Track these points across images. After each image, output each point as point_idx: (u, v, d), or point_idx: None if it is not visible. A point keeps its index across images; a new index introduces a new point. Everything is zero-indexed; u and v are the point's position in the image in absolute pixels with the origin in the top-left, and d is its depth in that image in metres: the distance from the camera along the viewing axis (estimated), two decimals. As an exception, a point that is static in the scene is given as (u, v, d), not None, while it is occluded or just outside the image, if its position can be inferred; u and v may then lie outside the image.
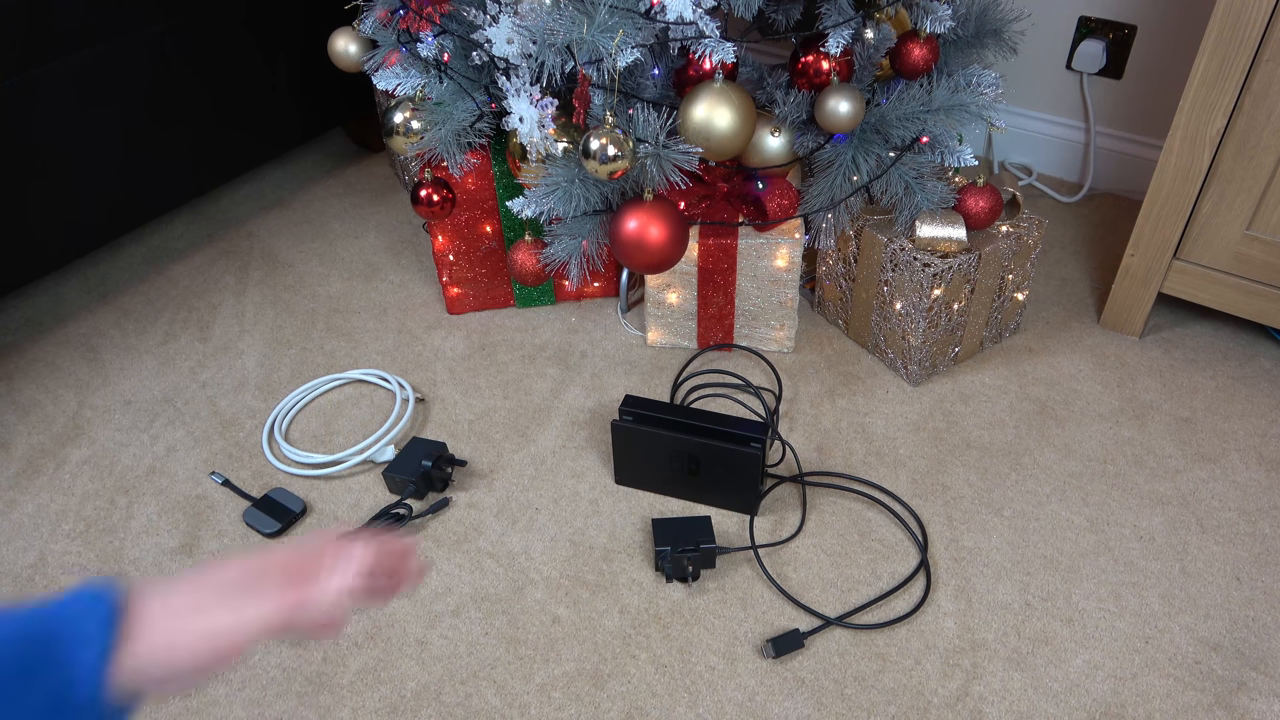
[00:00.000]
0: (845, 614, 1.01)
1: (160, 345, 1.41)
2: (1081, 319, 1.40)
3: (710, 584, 1.04)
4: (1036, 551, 1.07)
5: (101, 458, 1.23)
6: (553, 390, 1.30)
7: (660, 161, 1.08)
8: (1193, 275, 1.26)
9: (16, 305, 1.51)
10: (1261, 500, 1.12)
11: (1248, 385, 1.27)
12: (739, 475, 1.08)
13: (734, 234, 1.23)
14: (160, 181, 1.46)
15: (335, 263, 1.57)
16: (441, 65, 1.21)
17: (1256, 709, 0.91)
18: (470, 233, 1.36)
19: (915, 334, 1.23)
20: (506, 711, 0.93)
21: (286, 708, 0.94)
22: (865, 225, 1.25)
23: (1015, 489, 1.14)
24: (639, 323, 1.41)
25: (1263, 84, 1.09)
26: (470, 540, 1.10)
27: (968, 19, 1.23)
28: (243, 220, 1.69)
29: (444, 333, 1.41)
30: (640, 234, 1.09)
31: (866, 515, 1.11)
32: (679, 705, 0.93)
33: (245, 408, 1.29)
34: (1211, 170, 1.18)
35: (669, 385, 1.31)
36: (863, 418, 1.24)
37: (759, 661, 0.97)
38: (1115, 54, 1.56)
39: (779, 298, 1.29)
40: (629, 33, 1.01)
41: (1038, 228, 1.26)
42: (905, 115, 1.16)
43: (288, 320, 1.45)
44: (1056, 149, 1.70)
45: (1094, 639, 0.98)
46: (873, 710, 0.92)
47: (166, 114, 1.43)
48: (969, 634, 0.99)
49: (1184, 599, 1.01)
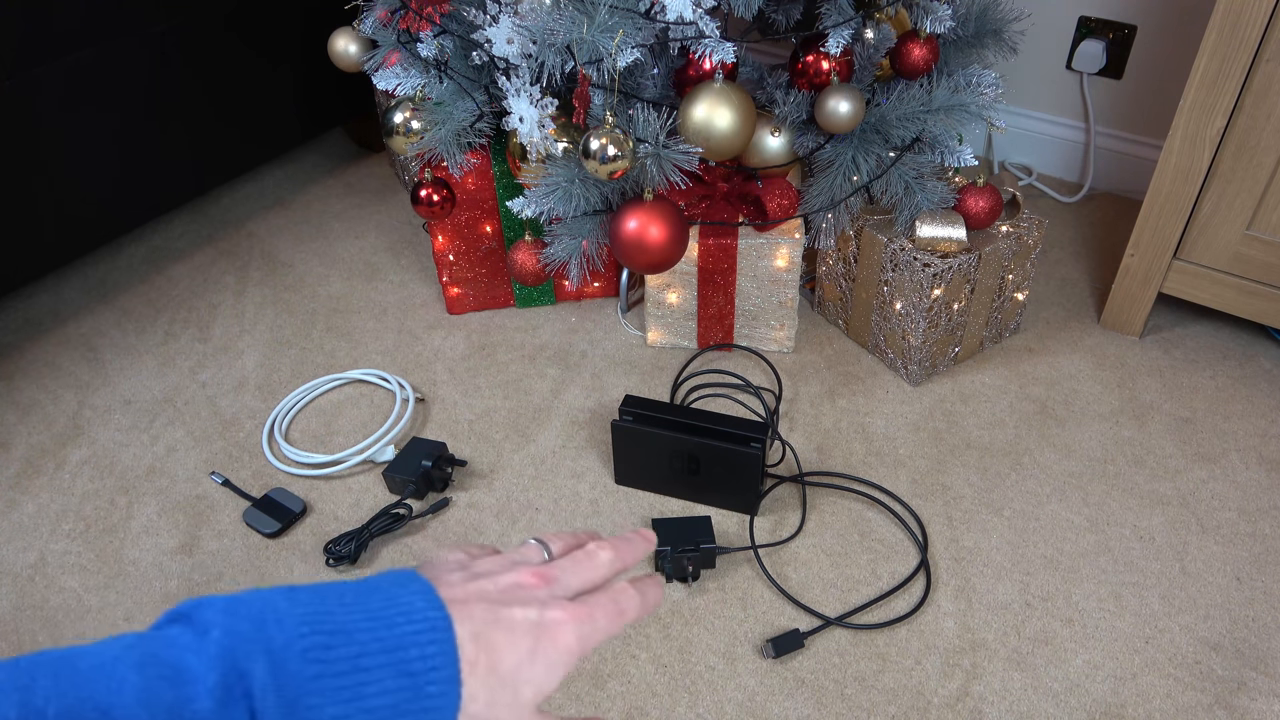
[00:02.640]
0: (845, 614, 1.01)
1: (160, 345, 1.41)
2: (1081, 319, 1.40)
3: (710, 584, 1.04)
4: (1036, 551, 1.07)
5: (101, 458, 1.23)
6: (553, 390, 1.30)
7: (660, 161, 1.08)
8: (1193, 275, 1.26)
9: (16, 305, 1.51)
10: (1261, 500, 1.12)
11: (1248, 385, 1.27)
12: (739, 475, 1.08)
13: (734, 234, 1.23)
14: (160, 181, 1.46)
15: (335, 263, 1.57)
16: (442, 65, 1.21)
17: (1256, 709, 0.91)
18: (470, 233, 1.36)
19: (915, 334, 1.23)
20: None
21: (286, 708, 0.94)
22: (865, 225, 1.25)
23: (1015, 489, 1.14)
24: (639, 323, 1.41)
25: (1263, 84, 1.09)
26: (471, 540, 1.10)
27: (968, 19, 1.23)
28: (243, 220, 1.69)
29: (444, 333, 1.41)
30: (640, 234, 1.09)
31: (866, 515, 1.11)
32: (679, 705, 0.93)
33: (245, 408, 1.29)
34: (1211, 170, 1.18)
35: (669, 385, 1.31)
36: (863, 418, 1.24)
37: (759, 661, 0.97)
38: (1115, 54, 1.56)
39: (779, 298, 1.29)
40: (629, 33, 1.01)
41: (1038, 228, 1.26)
42: (905, 115, 1.16)
43: (288, 320, 1.45)
44: (1056, 149, 1.70)
45: (1094, 639, 0.98)
46: (873, 710, 0.92)
47: (166, 114, 1.43)
48: (969, 634, 0.99)
49: (1184, 599, 1.01)
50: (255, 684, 0.34)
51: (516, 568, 0.44)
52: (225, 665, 0.34)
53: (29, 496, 1.18)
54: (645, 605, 0.47)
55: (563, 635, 0.42)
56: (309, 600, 0.37)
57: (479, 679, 0.39)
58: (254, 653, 0.35)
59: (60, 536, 1.12)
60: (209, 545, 1.11)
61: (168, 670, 0.34)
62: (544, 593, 0.43)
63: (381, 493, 1.17)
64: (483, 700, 0.39)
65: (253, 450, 1.23)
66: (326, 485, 1.18)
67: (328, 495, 1.16)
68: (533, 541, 0.48)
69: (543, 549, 0.47)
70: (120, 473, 1.21)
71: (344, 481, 1.18)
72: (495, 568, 0.44)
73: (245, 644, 0.35)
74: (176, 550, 1.10)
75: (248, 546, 1.10)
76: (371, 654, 0.37)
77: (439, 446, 1.15)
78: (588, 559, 0.46)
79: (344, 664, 0.36)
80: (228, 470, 1.20)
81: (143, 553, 1.10)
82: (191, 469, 1.21)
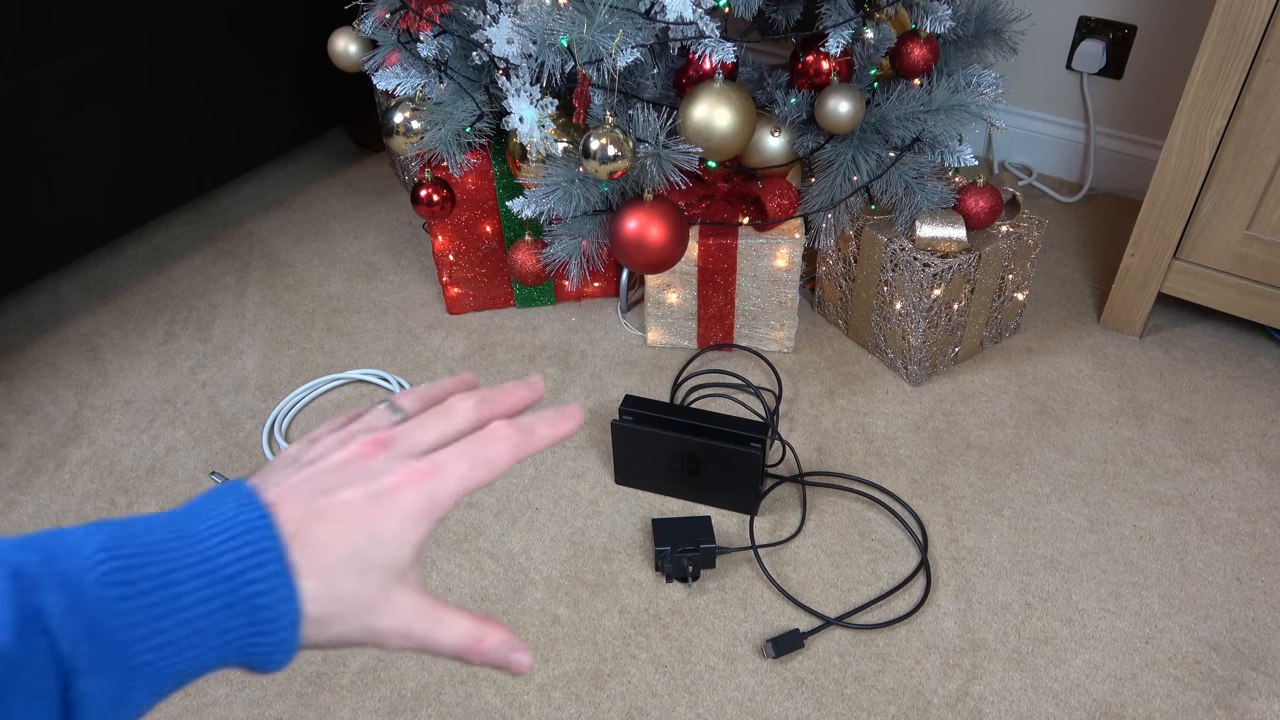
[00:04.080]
0: (845, 614, 1.01)
1: (160, 345, 1.41)
2: (1081, 319, 1.40)
3: (710, 584, 1.04)
4: (1036, 551, 1.07)
5: (101, 458, 1.23)
6: (553, 390, 1.30)
7: (660, 161, 1.08)
8: (1193, 275, 1.26)
9: (16, 305, 1.51)
10: (1261, 500, 1.12)
11: (1248, 385, 1.27)
12: (739, 475, 1.08)
13: (734, 234, 1.23)
14: (160, 181, 1.46)
15: (335, 263, 1.57)
16: (442, 65, 1.21)
17: (1256, 709, 0.91)
18: (470, 233, 1.36)
19: (915, 334, 1.23)
20: (506, 711, 0.93)
21: (286, 708, 0.94)
22: (865, 225, 1.25)
23: (1015, 489, 1.14)
24: (639, 323, 1.41)
25: (1263, 84, 1.09)
26: (470, 540, 1.10)
27: (968, 19, 1.23)
28: (243, 220, 1.69)
29: (444, 333, 1.41)
30: (640, 234, 1.09)
31: (866, 515, 1.11)
32: (679, 705, 0.93)
33: (245, 408, 1.29)
34: (1211, 170, 1.18)
35: (669, 385, 1.31)
36: (863, 418, 1.24)
37: (759, 661, 0.97)
38: (1115, 54, 1.56)
39: (779, 298, 1.29)
40: (629, 33, 1.01)
41: (1038, 228, 1.26)
42: (905, 115, 1.16)
43: (288, 320, 1.45)
44: (1056, 149, 1.70)
45: (1094, 639, 0.98)
46: (873, 710, 0.92)
47: (166, 114, 1.43)
48: (969, 634, 0.99)
49: (1184, 599, 1.01)
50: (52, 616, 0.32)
51: (352, 440, 0.40)
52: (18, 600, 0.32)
53: (29, 496, 1.18)
54: (529, 440, 0.42)
55: (401, 500, 0.38)
56: (112, 530, 0.35)
57: (310, 578, 0.36)
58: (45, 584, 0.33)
59: (60, 536, 1.12)
60: (209, 545, 1.11)
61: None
62: (379, 461, 0.39)
63: (381, 493, 1.16)
64: (324, 598, 0.36)
65: (253, 450, 1.23)
66: (326, 485, 1.18)
67: (328, 495, 1.16)
68: (381, 405, 0.44)
69: (391, 411, 0.43)
70: (120, 473, 1.21)
71: (344, 481, 1.18)
72: (327, 449, 0.40)
73: (35, 576, 0.33)
74: (176, 550, 1.10)
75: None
76: (180, 569, 0.34)
77: (439, 446, 1.15)
78: (441, 413, 0.42)
79: (149, 583, 0.34)
80: (228, 470, 1.20)
81: (143, 553, 1.10)
82: (191, 469, 1.21)
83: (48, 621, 0.32)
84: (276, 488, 0.38)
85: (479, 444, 0.41)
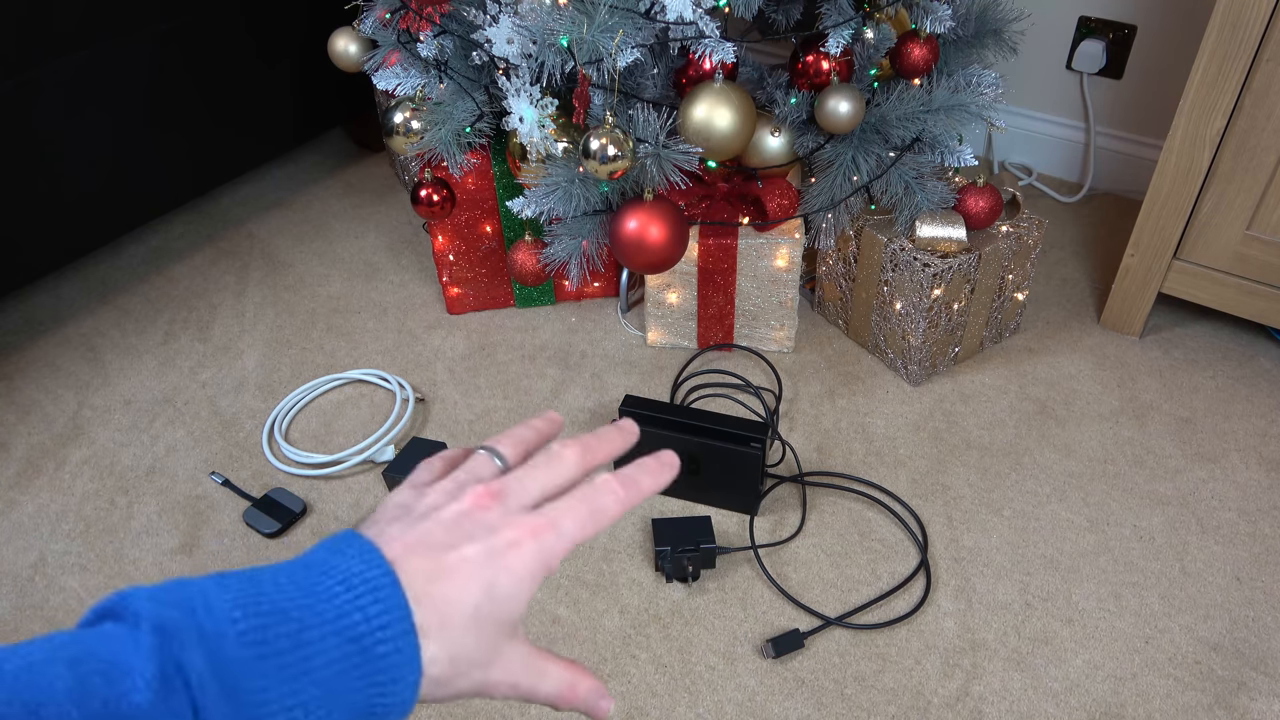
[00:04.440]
0: (845, 614, 1.01)
1: (160, 345, 1.41)
2: (1081, 319, 1.40)
3: (710, 584, 1.04)
4: (1036, 551, 1.07)
5: (101, 458, 1.23)
6: (553, 390, 1.30)
7: (660, 161, 1.08)
8: (1193, 275, 1.26)
9: (16, 305, 1.51)
10: (1261, 500, 1.12)
11: (1248, 385, 1.27)
12: (739, 475, 1.08)
13: (734, 234, 1.23)
14: (160, 181, 1.46)
15: (335, 263, 1.57)
16: (442, 65, 1.21)
17: (1256, 709, 0.91)
18: (470, 233, 1.36)
19: (915, 334, 1.23)
20: (506, 711, 0.93)
21: (286, 708, 0.94)
22: (865, 225, 1.25)
23: (1015, 489, 1.14)
24: (639, 323, 1.41)
25: (1263, 84, 1.09)
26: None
27: (968, 19, 1.23)
28: (243, 220, 1.69)
29: (444, 333, 1.41)
30: (640, 234, 1.09)
31: (866, 515, 1.11)
32: (679, 705, 0.93)
33: (245, 408, 1.29)
34: (1211, 170, 1.18)
35: (669, 385, 1.31)
36: (863, 418, 1.24)
37: (759, 661, 0.97)
38: (1115, 54, 1.56)
39: (779, 298, 1.29)
40: (629, 33, 1.01)
41: (1038, 228, 1.26)
42: (905, 115, 1.16)
43: (288, 320, 1.45)
44: (1056, 149, 1.70)
45: (1094, 639, 0.98)
46: (873, 710, 0.92)
47: (166, 114, 1.43)
48: (969, 634, 0.99)
49: (1184, 599, 1.01)
50: (193, 673, 0.32)
51: (464, 492, 0.40)
52: (161, 656, 0.32)
53: (29, 496, 1.18)
54: (635, 493, 0.42)
55: (519, 558, 0.38)
56: (239, 585, 0.35)
57: (433, 640, 0.37)
58: (187, 642, 0.33)
59: (60, 536, 1.12)
60: (209, 545, 1.11)
61: (102, 665, 0.32)
62: (496, 514, 0.39)
63: (381, 493, 1.16)
64: (445, 658, 0.37)
65: (253, 450, 1.23)
66: (326, 485, 1.18)
67: (328, 495, 1.16)
68: (481, 452, 0.43)
69: (492, 457, 0.43)
70: (120, 473, 1.21)
71: (344, 481, 1.18)
72: (439, 500, 0.40)
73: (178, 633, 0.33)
74: (176, 550, 1.10)
75: (248, 546, 1.10)
76: (312, 627, 0.35)
77: (439, 447, 1.15)
78: (549, 462, 0.42)
79: (284, 641, 0.34)
80: (228, 470, 1.20)
81: (143, 553, 1.10)
82: (191, 469, 1.21)
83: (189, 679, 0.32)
84: (396, 542, 0.38)
85: (588, 500, 0.41)
